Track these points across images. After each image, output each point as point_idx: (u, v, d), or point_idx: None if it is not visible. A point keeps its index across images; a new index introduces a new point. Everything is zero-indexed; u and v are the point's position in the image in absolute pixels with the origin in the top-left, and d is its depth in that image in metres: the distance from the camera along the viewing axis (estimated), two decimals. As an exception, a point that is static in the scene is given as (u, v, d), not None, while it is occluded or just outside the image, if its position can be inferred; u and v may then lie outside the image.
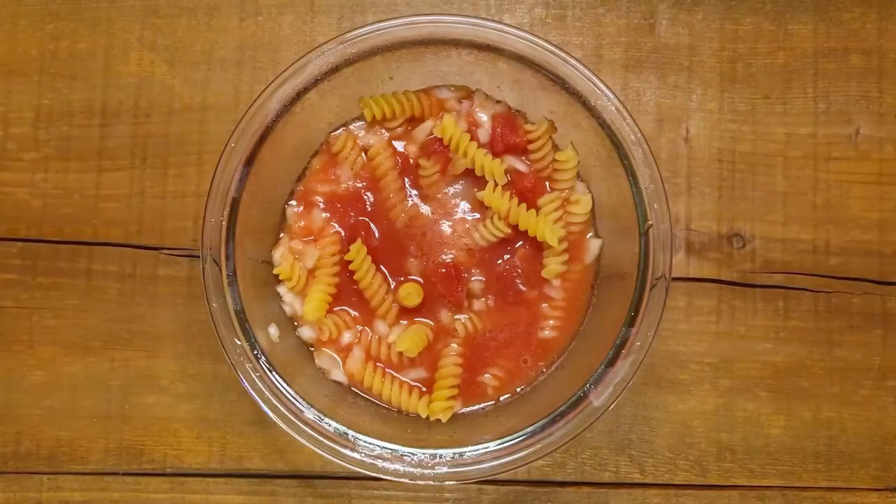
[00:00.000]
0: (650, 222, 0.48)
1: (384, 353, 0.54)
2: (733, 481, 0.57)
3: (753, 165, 0.59)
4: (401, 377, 0.55)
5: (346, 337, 0.54)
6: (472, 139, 0.54)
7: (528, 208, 0.53)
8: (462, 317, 0.54)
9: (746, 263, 0.58)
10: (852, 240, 0.58)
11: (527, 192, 0.54)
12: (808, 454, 0.57)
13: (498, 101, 0.55)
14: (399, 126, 0.55)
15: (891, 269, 0.58)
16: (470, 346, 0.54)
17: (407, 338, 0.53)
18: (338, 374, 0.54)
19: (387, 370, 0.55)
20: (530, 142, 0.54)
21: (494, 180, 0.53)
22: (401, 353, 0.54)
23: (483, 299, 0.55)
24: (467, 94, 0.55)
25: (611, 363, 0.48)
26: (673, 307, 0.58)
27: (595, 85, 0.49)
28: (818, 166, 0.59)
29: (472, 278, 0.54)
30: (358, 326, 0.55)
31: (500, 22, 0.49)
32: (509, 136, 0.54)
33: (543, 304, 0.55)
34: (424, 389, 0.54)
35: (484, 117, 0.55)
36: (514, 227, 0.54)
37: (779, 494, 0.57)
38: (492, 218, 0.53)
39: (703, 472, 0.57)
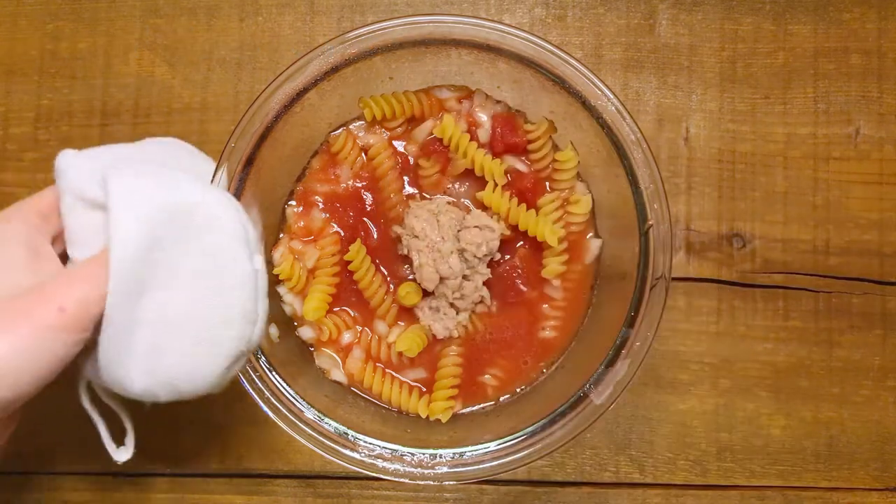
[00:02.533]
0: (650, 222, 0.48)
1: (384, 353, 0.54)
2: (733, 481, 0.57)
3: (753, 165, 0.59)
4: (401, 377, 0.55)
5: (346, 337, 0.54)
6: (471, 139, 0.54)
7: (527, 208, 0.53)
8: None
9: (746, 263, 0.58)
10: (852, 240, 0.58)
11: (527, 192, 0.54)
12: (808, 454, 0.57)
13: (498, 101, 0.55)
14: (399, 126, 0.55)
15: (891, 269, 0.58)
16: (470, 346, 0.54)
17: (406, 338, 0.53)
18: (338, 374, 0.54)
19: (387, 370, 0.55)
20: (530, 142, 0.54)
21: (494, 180, 0.54)
22: (401, 353, 0.54)
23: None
24: (467, 94, 0.55)
25: (611, 363, 0.48)
26: (673, 307, 0.58)
27: (595, 85, 0.49)
28: (818, 166, 0.59)
29: None
30: (358, 327, 0.55)
31: (499, 22, 0.49)
32: (509, 135, 0.54)
33: (544, 305, 0.55)
34: (424, 390, 0.54)
35: (484, 117, 0.55)
36: (514, 228, 0.54)
37: (779, 494, 0.57)
38: (491, 218, 0.53)
39: (703, 472, 0.57)
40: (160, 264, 0.39)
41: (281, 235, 0.55)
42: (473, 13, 0.60)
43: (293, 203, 0.55)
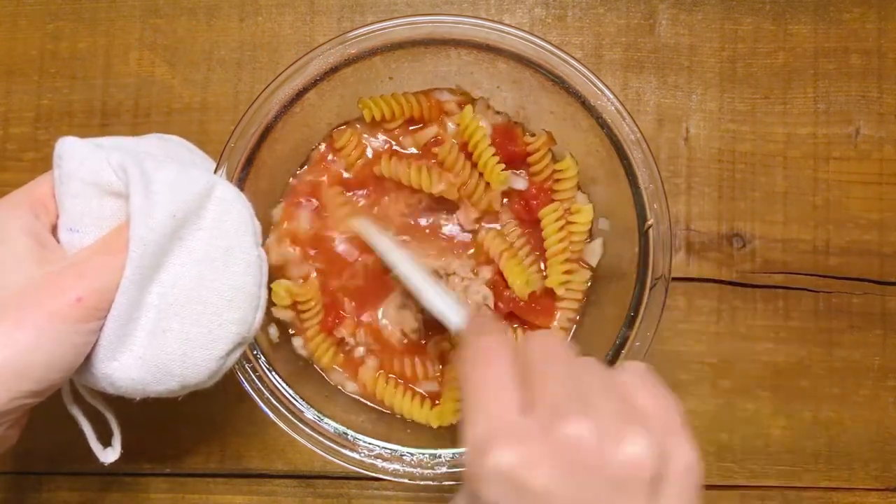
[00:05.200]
0: (650, 222, 0.48)
1: (397, 365, 0.54)
2: (733, 481, 0.57)
3: (753, 165, 0.59)
4: (414, 388, 0.54)
5: (360, 350, 0.54)
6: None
7: (531, 220, 0.53)
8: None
9: (746, 263, 0.58)
10: (852, 240, 0.58)
11: (530, 202, 0.54)
12: (808, 454, 0.57)
13: (498, 112, 0.55)
14: (397, 127, 0.55)
15: (891, 269, 0.58)
16: None
17: None
18: (350, 387, 0.54)
19: (399, 381, 0.54)
20: (529, 154, 0.54)
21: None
22: (413, 363, 0.54)
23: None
24: (468, 99, 0.55)
25: (611, 363, 0.48)
26: (673, 307, 0.58)
27: (595, 85, 0.49)
28: (818, 166, 0.59)
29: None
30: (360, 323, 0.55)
31: (499, 22, 0.49)
32: (508, 145, 0.54)
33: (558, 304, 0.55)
34: (437, 403, 0.54)
35: (484, 125, 0.54)
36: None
37: (779, 494, 0.57)
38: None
39: (703, 472, 0.57)
40: (173, 250, 0.39)
41: (270, 238, 0.55)
42: (473, 13, 0.60)
43: (281, 202, 0.55)
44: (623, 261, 0.51)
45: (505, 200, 0.55)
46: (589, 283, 0.55)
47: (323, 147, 0.55)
